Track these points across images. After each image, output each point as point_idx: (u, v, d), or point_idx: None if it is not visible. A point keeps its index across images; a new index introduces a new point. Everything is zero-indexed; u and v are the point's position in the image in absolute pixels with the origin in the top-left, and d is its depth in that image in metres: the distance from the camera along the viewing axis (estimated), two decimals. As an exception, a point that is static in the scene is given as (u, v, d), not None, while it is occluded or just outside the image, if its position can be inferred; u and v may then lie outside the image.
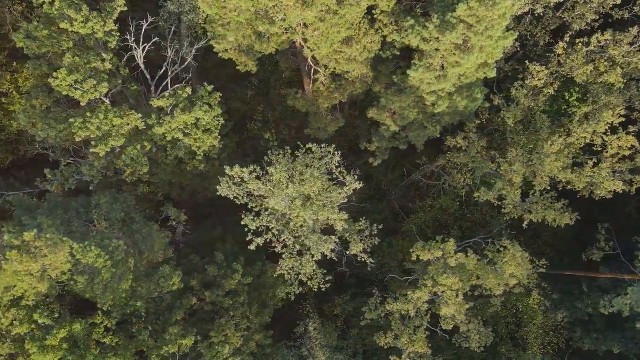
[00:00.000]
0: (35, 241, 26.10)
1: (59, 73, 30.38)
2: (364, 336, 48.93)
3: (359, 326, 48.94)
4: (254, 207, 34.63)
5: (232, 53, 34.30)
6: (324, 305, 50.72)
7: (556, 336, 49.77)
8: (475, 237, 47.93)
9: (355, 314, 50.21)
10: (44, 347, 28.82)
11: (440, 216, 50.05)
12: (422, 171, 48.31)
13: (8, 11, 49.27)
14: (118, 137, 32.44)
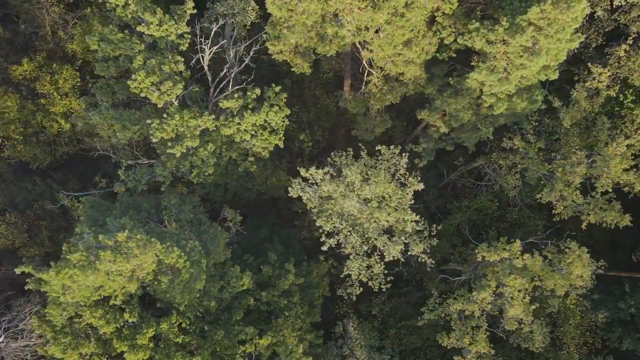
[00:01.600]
0: (127, 242, 26.36)
1: (138, 75, 30.68)
2: (401, 336, 49.26)
3: (397, 326, 49.33)
4: (326, 209, 34.92)
5: (286, 55, 34.62)
6: (360, 305, 51.04)
7: (591, 336, 50.05)
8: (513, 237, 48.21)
9: (392, 314, 50.57)
10: (134, 346, 29.11)
11: (476, 217, 50.32)
12: (459, 171, 48.64)
13: (46, 12, 49.68)
14: (193, 138, 32.71)
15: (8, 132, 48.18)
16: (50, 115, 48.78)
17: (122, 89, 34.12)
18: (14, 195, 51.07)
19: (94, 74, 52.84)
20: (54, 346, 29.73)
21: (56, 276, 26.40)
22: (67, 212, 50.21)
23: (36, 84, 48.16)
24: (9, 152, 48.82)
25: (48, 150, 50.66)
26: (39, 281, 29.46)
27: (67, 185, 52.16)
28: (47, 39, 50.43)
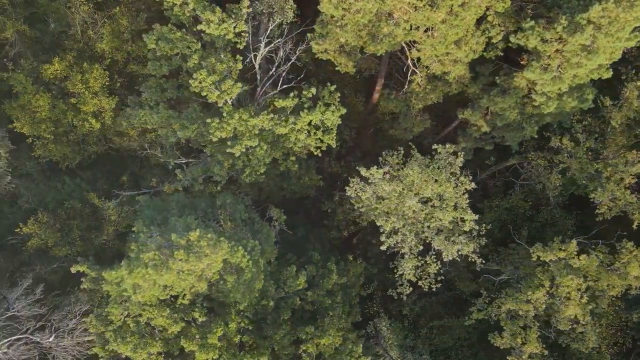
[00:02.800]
0: (199, 241, 26.30)
1: (199, 74, 30.61)
2: (432, 336, 49.25)
3: (428, 326, 49.32)
4: (375, 208, 34.91)
5: (331, 54, 34.61)
6: (390, 305, 51.03)
7: (622, 336, 50.02)
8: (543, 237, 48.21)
9: (422, 314, 50.57)
10: (205, 346, 29.04)
11: (506, 216, 50.28)
12: (490, 171, 48.66)
13: (76, 11, 49.63)
14: (252, 137, 32.67)
15: (39, 132, 48.15)
16: (80, 115, 48.73)
17: (171, 87, 34.02)
18: (44, 194, 51.02)
19: (122, 73, 53.09)
20: (122, 345, 29.62)
21: (129, 275, 26.35)
22: (97, 212, 50.15)
23: (67, 83, 48.13)
24: (40, 151, 48.75)
25: (77, 150, 50.61)
26: (95, 280, 29.38)
27: (96, 184, 52.13)
28: (76, 38, 50.37)
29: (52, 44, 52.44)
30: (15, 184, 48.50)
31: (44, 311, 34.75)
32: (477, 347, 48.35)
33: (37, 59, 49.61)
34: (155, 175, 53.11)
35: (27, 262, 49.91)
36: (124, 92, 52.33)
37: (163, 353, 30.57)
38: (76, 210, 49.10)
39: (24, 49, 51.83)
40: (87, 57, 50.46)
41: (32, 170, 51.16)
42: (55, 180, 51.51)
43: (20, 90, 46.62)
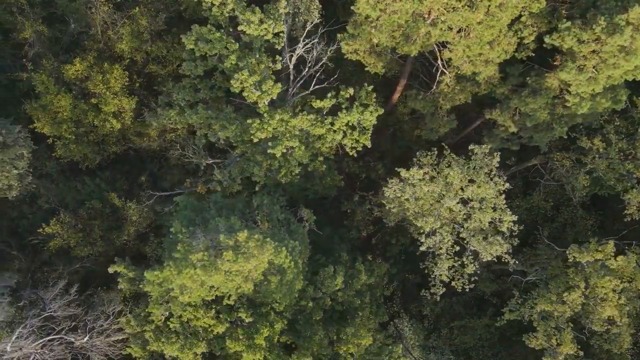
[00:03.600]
0: (247, 242, 26.30)
1: (241, 74, 30.59)
2: (453, 336, 49.29)
3: (449, 326, 49.36)
4: (407, 208, 34.95)
5: (361, 54, 34.62)
6: (410, 305, 51.08)
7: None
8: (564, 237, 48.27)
9: (443, 314, 50.60)
10: (252, 346, 29.03)
11: (526, 216, 50.30)
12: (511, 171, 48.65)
13: (96, 12, 49.62)
14: (293, 138, 32.68)
15: (60, 132, 48.15)
16: (101, 115, 48.73)
17: (204, 88, 34.01)
18: (64, 195, 51.02)
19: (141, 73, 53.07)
20: (168, 345, 29.58)
21: (177, 276, 26.34)
22: (117, 212, 50.15)
23: (87, 84, 48.11)
24: (61, 151, 48.73)
25: (96, 150, 50.60)
26: (132, 280, 29.37)
27: (115, 185, 52.14)
28: (96, 38, 50.36)
29: (71, 44, 52.47)
30: (35, 185, 48.47)
31: (78, 311, 34.69)
32: (498, 347, 48.41)
33: (57, 59, 49.61)
34: (175, 176, 53.27)
35: (48, 262, 49.95)
36: (143, 92, 52.44)
37: (206, 353, 30.53)
38: (97, 210, 49.11)
39: (43, 49, 51.81)
40: (107, 58, 50.49)
41: (51, 170, 51.16)
42: (75, 180, 51.50)
43: (42, 91, 46.62)
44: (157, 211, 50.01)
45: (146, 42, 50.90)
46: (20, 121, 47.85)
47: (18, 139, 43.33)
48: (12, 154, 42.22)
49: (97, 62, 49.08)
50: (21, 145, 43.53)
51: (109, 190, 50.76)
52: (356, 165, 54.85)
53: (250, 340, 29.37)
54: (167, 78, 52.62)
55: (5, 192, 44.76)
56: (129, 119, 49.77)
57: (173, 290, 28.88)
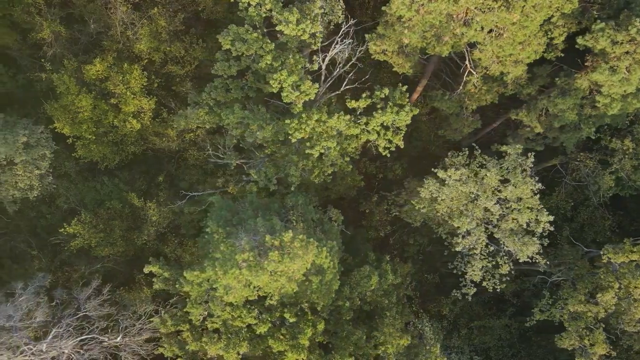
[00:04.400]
0: (292, 242, 26.36)
1: (280, 75, 30.62)
2: (472, 336, 49.39)
3: (468, 326, 49.47)
4: (437, 209, 35.04)
5: (389, 55, 34.68)
6: (429, 305, 51.16)
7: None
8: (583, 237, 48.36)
9: (462, 314, 50.70)
10: (296, 346, 29.08)
11: (546, 217, 50.36)
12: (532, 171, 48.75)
13: (115, 12, 49.65)
14: (331, 138, 32.74)
15: (80, 132, 48.17)
16: (121, 115, 48.77)
17: (235, 88, 34.05)
18: (83, 195, 51.08)
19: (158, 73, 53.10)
20: (212, 345, 29.57)
21: (223, 276, 26.39)
22: (136, 212, 50.22)
23: (107, 84, 48.14)
24: (82, 151, 48.76)
25: (115, 150, 50.64)
26: (166, 280, 29.43)
27: (134, 185, 52.19)
28: (115, 38, 50.38)
29: (89, 44, 52.52)
30: (55, 185, 48.54)
31: (112, 311, 34.78)
32: (517, 346, 48.50)
33: (76, 59, 49.64)
34: (193, 176, 53.34)
35: (68, 262, 50.04)
36: (161, 92, 52.49)
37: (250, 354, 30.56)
38: (116, 210, 49.17)
39: (61, 49, 51.86)
40: (125, 58, 50.55)
41: (69, 170, 51.21)
42: (94, 180, 51.55)
43: (64, 91, 46.63)
44: (176, 212, 50.15)
45: (164, 43, 50.96)
46: (39, 121, 47.94)
47: (40, 139, 43.40)
48: (35, 154, 42.29)
49: (117, 62, 49.12)
50: (43, 146, 43.60)
51: (128, 190, 50.83)
52: (373, 166, 54.98)
53: (295, 340, 29.40)
54: (185, 78, 52.78)
55: (27, 192, 44.81)
56: (148, 119, 49.82)
57: (212, 290, 28.93)
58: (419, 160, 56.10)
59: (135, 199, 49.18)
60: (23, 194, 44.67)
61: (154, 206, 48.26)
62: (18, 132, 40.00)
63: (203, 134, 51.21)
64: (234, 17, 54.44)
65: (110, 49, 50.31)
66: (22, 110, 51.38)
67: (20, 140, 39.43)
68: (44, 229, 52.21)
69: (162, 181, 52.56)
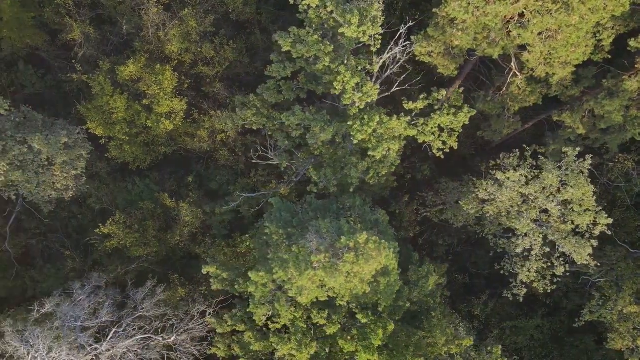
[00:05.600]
0: (367, 243, 26.51)
1: (343, 77, 30.76)
2: (504, 336, 49.53)
3: (500, 326, 49.60)
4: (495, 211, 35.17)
5: (434, 56, 34.86)
6: (460, 305, 51.29)
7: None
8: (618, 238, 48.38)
9: (493, 314, 50.83)
10: (368, 347, 29.21)
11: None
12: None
13: (146, 13, 49.80)
14: (393, 140, 32.89)
15: (114, 133, 48.34)
16: (152, 116, 48.93)
17: (287, 89, 34.21)
18: (114, 195, 51.27)
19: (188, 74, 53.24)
20: (283, 345, 29.63)
21: (299, 277, 26.53)
22: (168, 213, 50.38)
23: (140, 85, 48.31)
24: (115, 152, 48.93)
25: (146, 151, 50.82)
26: (223, 281, 29.53)
27: (165, 185, 52.36)
28: (147, 39, 50.54)
29: (120, 45, 52.69)
30: (88, 186, 48.71)
31: (166, 311, 34.93)
32: (550, 347, 48.64)
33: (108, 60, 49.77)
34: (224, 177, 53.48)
35: (100, 262, 50.23)
36: (191, 93, 52.67)
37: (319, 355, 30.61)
38: (149, 210, 49.34)
39: (91, 50, 52.03)
40: (156, 59, 50.72)
41: (101, 171, 51.38)
42: (125, 181, 51.74)
43: (99, 92, 46.79)
44: (207, 212, 50.32)
45: (195, 44, 51.14)
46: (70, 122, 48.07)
47: (78, 139, 43.56)
48: (73, 155, 42.44)
49: (149, 63, 49.28)
50: (80, 146, 43.75)
51: (159, 190, 51.02)
52: (401, 166, 55.09)
53: (367, 341, 29.49)
54: (214, 79, 52.98)
55: (63, 193, 44.96)
56: (180, 119, 50.00)
57: (278, 290, 29.04)
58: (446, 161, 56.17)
59: (167, 199, 49.38)
60: (59, 195, 44.81)
61: (186, 206, 48.41)
62: (59, 133, 40.13)
63: (234, 135, 51.44)
64: (262, 18, 55.08)
65: (142, 50, 50.43)
66: (53, 110, 51.51)
67: (61, 140, 39.53)
68: (75, 230, 52.42)
69: (192, 181, 52.71)
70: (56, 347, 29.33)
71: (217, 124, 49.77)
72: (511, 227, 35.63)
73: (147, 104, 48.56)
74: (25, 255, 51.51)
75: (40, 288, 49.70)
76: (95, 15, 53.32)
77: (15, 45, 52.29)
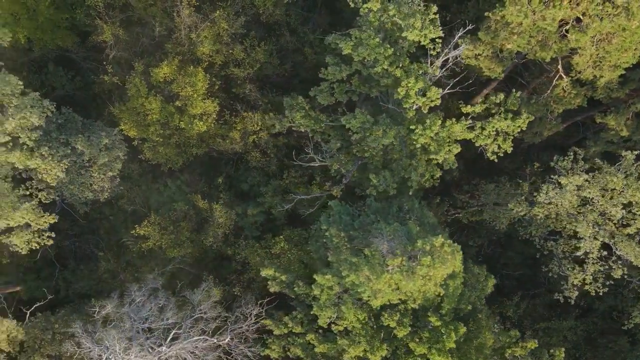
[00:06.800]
0: (442, 247, 26.63)
1: (408, 81, 30.88)
2: (538, 337, 49.58)
3: (533, 327, 49.70)
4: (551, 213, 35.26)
5: (481, 59, 34.99)
6: (491, 306, 51.38)
7: None
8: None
9: (525, 315, 50.93)
10: (441, 350, 29.30)
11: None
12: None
13: (177, 15, 49.90)
14: (455, 144, 33.02)
15: (148, 134, 48.40)
16: (185, 118, 48.99)
17: (339, 92, 34.35)
18: (147, 197, 51.36)
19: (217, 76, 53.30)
20: (354, 347, 29.64)
21: (376, 280, 26.66)
22: (199, 214, 50.47)
23: (173, 86, 48.39)
24: (149, 154, 48.99)
25: (178, 152, 50.88)
26: (282, 283, 29.64)
27: (197, 186, 52.45)
28: (179, 41, 50.63)
29: (150, 46, 52.75)
30: (122, 187, 48.81)
31: (223, 312, 35.07)
32: (583, 348, 48.76)
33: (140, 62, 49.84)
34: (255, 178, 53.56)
35: (132, 263, 50.35)
36: (221, 94, 52.73)
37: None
38: (182, 212, 49.44)
39: (121, 52, 52.10)
40: (187, 60, 50.81)
41: (133, 172, 51.45)
42: (157, 182, 51.84)
43: (134, 94, 46.87)
44: (239, 213, 50.45)
45: (226, 45, 51.22)
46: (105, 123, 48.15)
47: (115, 141, 43.65)
48: (112, 156, 42.55)
49: (181, 65, 49.36)
50: (117, 148, 43.83)
51: (190, 192, 51.11)
52: (431, 168, 55.18)
53: (440, 343, 29.55)
54: (245, 81, 53.05)
55: (99, 194, 45.05)
56: (212, 121, 50.07)
57: (344, 293, 29.15)
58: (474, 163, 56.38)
59: (200, 200, 49.47)
60: (95, 196, 44.91)
61: (219, 208, 48.51)
62: (100, 134, 40.24)
63: (266, 136, 51.52)
64: (291, 20, 55.21)
65: (173, 51, 50.52)
66: (84, 112, 51.57)
67: (103, 142, 39.64)
68: (106, 231, 52.52)
69: (221, 183, 52.81)
70: (131, 349, 29.46)
71: (249, 125, 49.93)
72: (572, 230, 35.72)
73: (179, 105, 48.63)
74: (56, 256, 51.60)
75: (72, 289, 49.89)
76: (125, 17, 53.39)
77: (46, 47, 52.41)
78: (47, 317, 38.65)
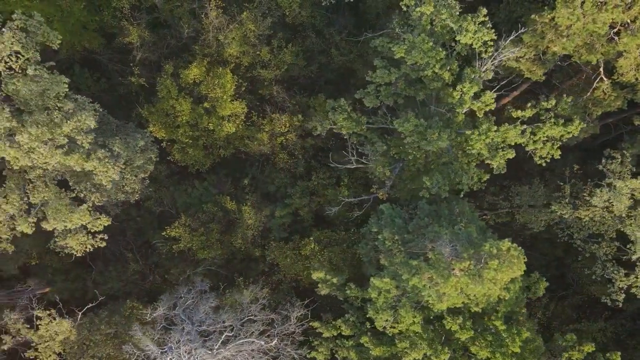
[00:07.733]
0: (509, 250, 26.67)
1: (463, 85, 30.88)
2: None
3: (562, 329, 49.70)
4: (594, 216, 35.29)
5: (522, 62, 35.00)
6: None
7: None
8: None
9: (554, 317, 50.95)
10: (506, 354, 29.30)
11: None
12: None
13: (205, 17, 49.86)
14: (509, 148, 32.99)
15: (176, 136, 48.41)
16: (213, 119, 48.97)
17: (385, 94, 34.36)
18: (174, 198, 51.34)
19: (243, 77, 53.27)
20: (414, 352, 29.55)
21: (444, 284, 26.68)
22: (228, 215, 50.43)
23: (201, 88, 48.37)
24: (178, 155, 48.98)
25: (206, 153, 50.88)
26: (332, 286, 29.64)
27: (222, 188, 52.44)
28: (207, 42, 50.59)
29: (177, 48, 52.69)
30: (151, 189, 48.78)
31: (270, 314, 35.07)
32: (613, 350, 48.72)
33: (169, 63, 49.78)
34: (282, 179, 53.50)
35: (161, 265, 50.35)
36: (248, 96, 52.69)
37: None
38: (211, 213, 49.44)
39: (148, 53, 52.03)
40: (214, 62, 50.79)
41: (161, 174, 51.44)
42: (184, 183, 51.80)
43: (164, 95, 46.86)
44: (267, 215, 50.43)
45: (253, 47, 51.18)
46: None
47: (148, 142, 43.60)
48: (144, 158, 42.53)
49: (209, 66, 49.34)
50: (150, 149, 43.80)
51: (217, 193, 51.10)
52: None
53: (504, 347, 29.52)
54: (271, 82, 53.01)
55: (130, 196, 45.02)
56: (240, 122, 50.07)
57: (402, 296, 29.15)
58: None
59: (228, 202, 49.47)
60: (126, 197, 44.87)
61: (248, 209, 48.49)
62: (136, 136, 40.25)
63: (294, 138, 51.52)
64: (316, 21, 55.19)
65: (201, 53, 50.49)
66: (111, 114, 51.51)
67: (139, 144, 39.65)
68: (134, 232, 52.50)
69: (247, 184, 52.79)
70: (192, 353, 29.47)
71: (277, 126, 49.93)
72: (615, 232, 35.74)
73: (207, 106, 48.63)
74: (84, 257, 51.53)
75: (102, 290, 49.82)
76: (151, 18, 53.30)
77: (73, 49, 52.32)
78: (92, 318, 38.66)
